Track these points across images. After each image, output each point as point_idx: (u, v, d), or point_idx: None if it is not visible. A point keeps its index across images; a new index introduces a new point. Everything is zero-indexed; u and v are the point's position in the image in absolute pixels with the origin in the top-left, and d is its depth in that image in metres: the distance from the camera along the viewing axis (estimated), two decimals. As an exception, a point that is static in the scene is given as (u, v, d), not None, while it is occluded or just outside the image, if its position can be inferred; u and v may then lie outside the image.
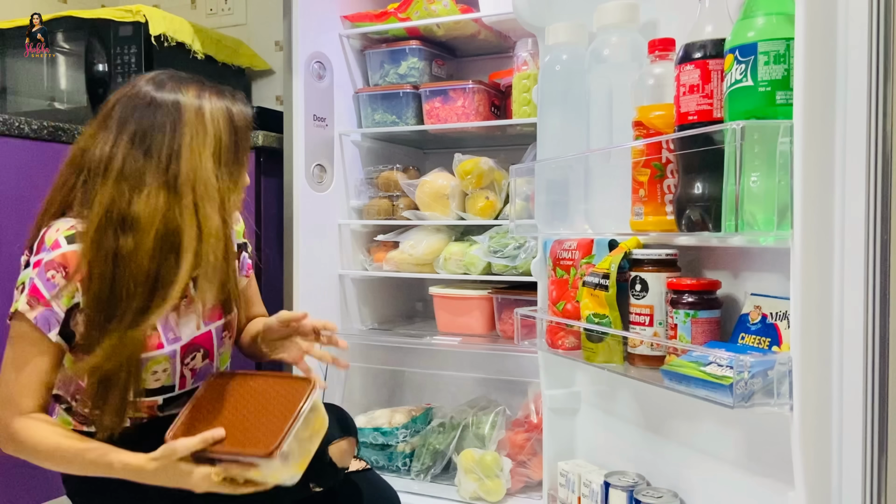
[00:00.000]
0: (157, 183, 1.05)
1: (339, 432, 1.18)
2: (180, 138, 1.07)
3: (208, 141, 1.08)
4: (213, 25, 2.24)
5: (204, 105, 1.09)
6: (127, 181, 1.05)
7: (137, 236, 1.03)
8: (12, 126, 1.45)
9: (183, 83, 1.11)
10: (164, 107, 1.08)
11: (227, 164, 1.11)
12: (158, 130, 1.07)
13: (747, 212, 0.84)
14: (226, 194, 1.10)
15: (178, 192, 1.05)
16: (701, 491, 1.09)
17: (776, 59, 0.83)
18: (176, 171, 1.06)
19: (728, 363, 0.85)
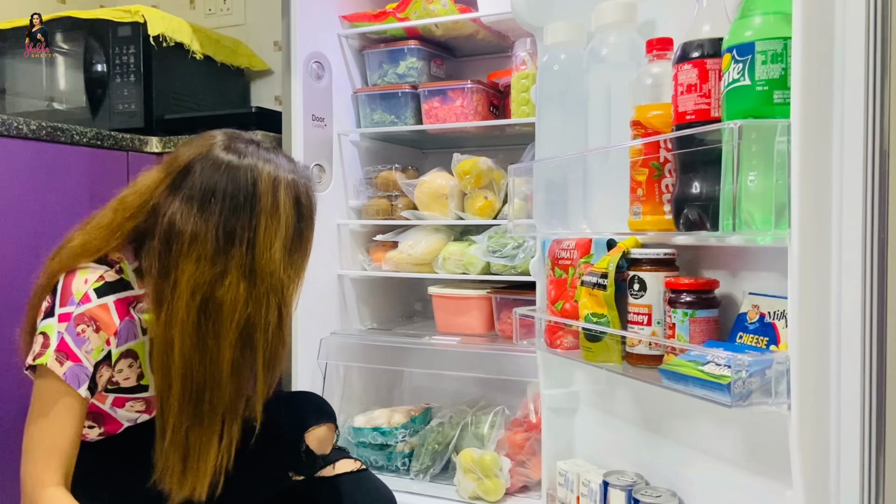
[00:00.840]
0: (238, 271, 1.01)
1: (316, 419, 1.17)
2: (256, 224, 1.02)
3: (280, 229, 1.04)
4: (212, 25, 2.24)
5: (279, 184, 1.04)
6: (214, 265, 1.00)
7: (219, 323, 1.00)
8: (11, 126, 1.45)
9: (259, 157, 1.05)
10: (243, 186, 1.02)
11: (292, 253, 1.06)
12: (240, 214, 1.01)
13: (745, 211, 0.84)
14: (287, 285, 1.05)
15: (253, 283, 1.01)
16: (699, 490, 1.09)
17: (773, 59, 0.83)
18: (252, 258, 1.01)
19: (726, 362, 0.85)
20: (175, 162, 1.05)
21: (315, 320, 1.69)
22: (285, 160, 1.09)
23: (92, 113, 1.84)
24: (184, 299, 0.99)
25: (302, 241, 1.08)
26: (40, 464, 0.99)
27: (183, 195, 1.02)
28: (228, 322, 1.00)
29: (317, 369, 1.70)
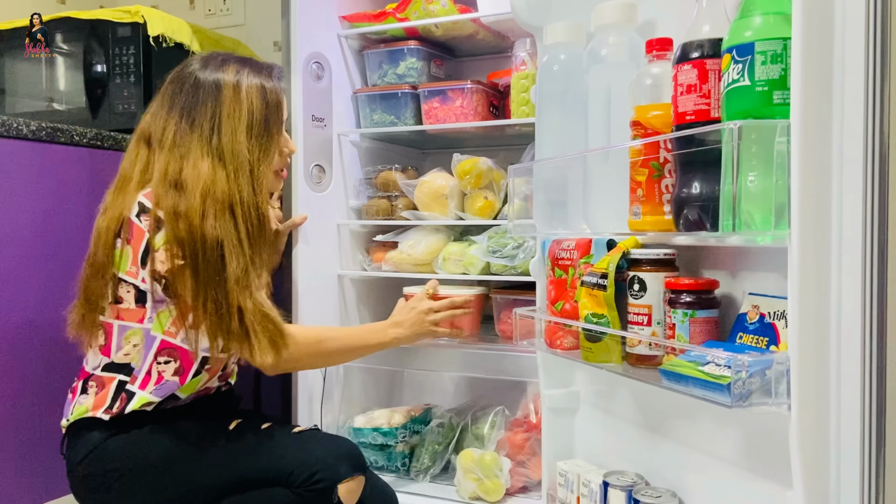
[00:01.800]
0: (201, 152, 1.21)
1: (350, 470, 1.19)
2: (219, 112, 1.22)
3: (243, 115, 1.23)
4: (212, 26, 2.24)
5: (241, 82, 1.24)
6: (177, 149, 1.21)
7: (187, 197, 1.17)
8: (11, 127, 1.45)
9: (225, 63, 1.27)
10: (206, 85, 1.24)
11: (258, 136, 1.24)
12: (201, 106, 1.23)
13: (745, 211, 0.84)
14: (255, 165, 1.23)
15: (221, 161, 1.20)
16: (699, 490, 1.09)
17: (773, 59, 0.83)
18: (217, 141, 1.21)
19: (726, 363, 0.85)
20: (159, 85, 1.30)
21: (315, 320, 1.69)
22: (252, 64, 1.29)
23: (92, 113, 1.84)
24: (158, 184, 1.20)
25: (268, 125, 1.26)
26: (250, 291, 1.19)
27: (162, 104, 1.27)
28: (192, 195, 1.17)
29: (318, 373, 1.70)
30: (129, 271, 1.20)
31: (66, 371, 1.54)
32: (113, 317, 1.22)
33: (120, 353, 1.22)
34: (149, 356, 1.21)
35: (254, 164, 1.23)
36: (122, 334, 1.22)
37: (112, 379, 1.21)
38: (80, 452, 1.20)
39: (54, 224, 1.54)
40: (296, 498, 1.15)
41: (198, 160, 1.20)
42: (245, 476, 1.18)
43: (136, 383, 1.21)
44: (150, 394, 1.21)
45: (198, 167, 1.19)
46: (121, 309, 1.22)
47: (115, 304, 1.22)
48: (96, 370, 1.23)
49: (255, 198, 1.22)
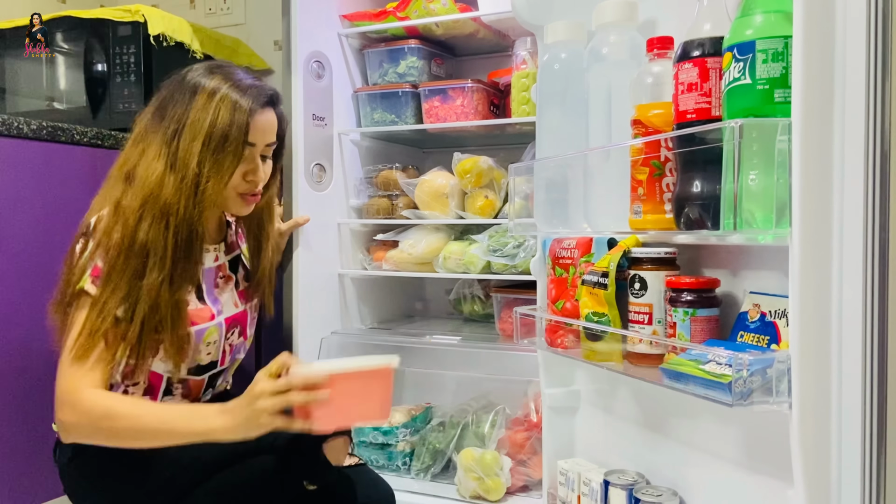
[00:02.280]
0: (159, 151, 1.15)
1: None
2: (188, 116, 1.15)
3: (205, 126, 1.15)
4: (212, 25, 2.24)
5: (217, 91, 1.17)
6: (141, 141, 1.17)
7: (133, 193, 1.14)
8: (11, 126, 1.45)
9: (217, 69, 1.21)
10: (186, 86, 1.18)
11: (215, 150, 1.15)
12: (173, 105, 1.17)
13: (746, 210, 0.84)
14: (202, 179, 1.14)
15: (173, 167, 1.14)
16: (700, 489, 1.09)
17: (774, 57, 0.83)
18: (175, 146, 1.15)
19: (727, 361, 0.85)
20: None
21: (316, 320, 1.69)
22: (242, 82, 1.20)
23: (92, 112, 1.84)
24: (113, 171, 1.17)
25: (227, 143, 1.16)
26: (79, 371, 1.09)
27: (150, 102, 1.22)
28: (139, 192, 1.13)
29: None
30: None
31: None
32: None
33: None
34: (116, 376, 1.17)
35: (201, 178, 1.14)
36: None
37: None
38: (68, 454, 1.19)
39: (55, 223, 1.54)
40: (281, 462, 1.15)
41: (153, 159, 1.15)
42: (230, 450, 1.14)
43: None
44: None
45: (151, 167, 1.14)
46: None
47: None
48: None
49: (193, 211, 1.14)
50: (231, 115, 1.16)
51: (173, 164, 1.14)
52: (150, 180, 1.13)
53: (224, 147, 1.15)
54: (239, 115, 1.17)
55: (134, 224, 1.11)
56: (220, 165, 1.16)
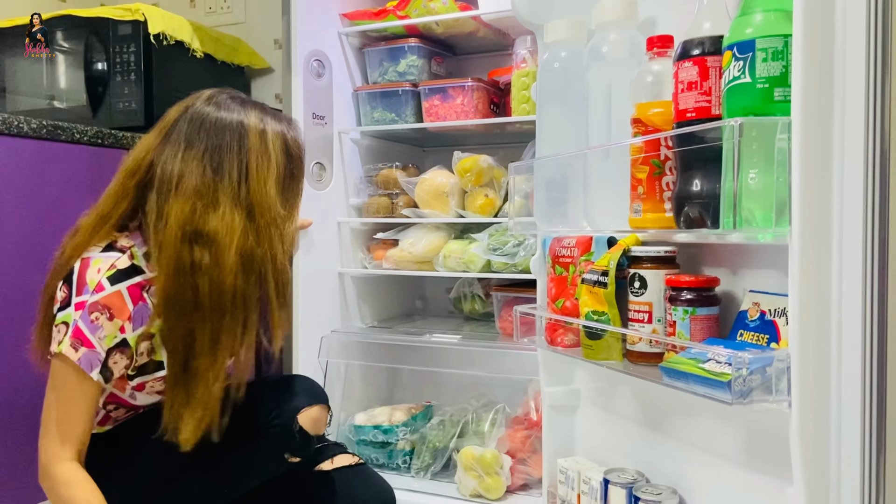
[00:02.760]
0: (230, 202, 1.06)
1: (308, 400, 1.20)
2: (247, 160, 1.08)
3: (272, 167, 1.10)
4: (212, 24, 2.24)
5: (266, 129, 1.11)
6: (201, 198, 1.06)
7: (216, 252, 1.04)
8: (11, 125, 1.45)
9: (245, 105, 1.13)
10: (230, 127, 1.09)
11: (285, 191, 1.13)
12: (227, 150, 1.08)
13: (745, 209, 0.84)
14: (283, 223, 1.11)
15: (251, 215, 1.07)
16: (700, 487, 1.10)
17: (774, 56, 0.83)
18: (246, 192, 1.07)
19: (727, 360, 0.85)
20: (164, 119, 1.13)
21: (316, 318, 1.70)
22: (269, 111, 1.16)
23: (92, 111, 1.84)
24: (172, 233, 1.04)
25: (294, 180, 1.15)
26: (56, 440, 1.05)
27: (172, 143, 1.09)
28: (227, 251, 1.04)
29: (318, 367, 1.70)
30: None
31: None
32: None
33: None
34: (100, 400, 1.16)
35: (283, 220, 1.11)
36: None
37: None
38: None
39: (55, 222, 1.54)
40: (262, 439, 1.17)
41: (227, 212, 1.05)
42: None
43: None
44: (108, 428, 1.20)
45: (227, 220, 1.05)
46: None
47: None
48: None
49: (284, 256, 1.12)
50: (286, 151, 1.14)
51: (250, 213, 1.07)
52: (236, 233, 1.05)
53: (292, 184, 1.15)
54: (293, 149, 1.15)
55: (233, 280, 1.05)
56: (293, 202, 1.16)
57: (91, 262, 1.07)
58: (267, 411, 1.18)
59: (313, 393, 1.24)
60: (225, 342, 1.06)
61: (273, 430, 1.17)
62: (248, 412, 1.18)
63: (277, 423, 1.17)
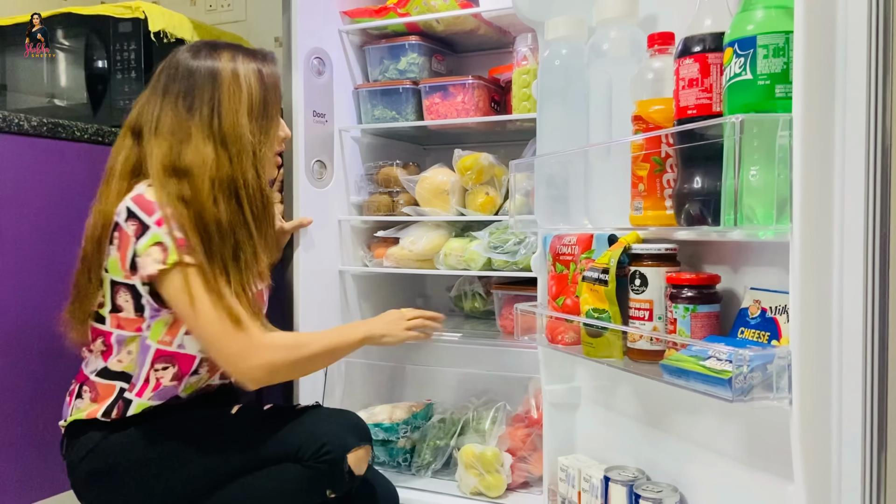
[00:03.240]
0: (202, 135, 1.19)
1: (357, 440, 1.20)
2: (218, 95, 1.21)
3: (243, 98, 1.22)
4: (213, 22, 2.24)
5: (238, 67, 1.23)
6: (174, 135, 1.19)
7: (193, 182, 1.16)
8: (12, 123, 1.45)
9: (217, 49, 1.25)
10: (202, 71, 1.22)
11: (258, 118, 1.24)
12: (199, 90, 1.21)
13: (746, 206, 0.83)
14: (257, 147, 1.23)
15: (224, 144, 1.19)
16: (701, 485, 1.10)
17: (775, 53, 0.83)
18: (219, 124, 1.20)
19: (727, 357, 0.85)
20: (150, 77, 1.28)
21: (316, 316, 1.69)
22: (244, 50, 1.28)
23: (93, 109, 1.84)
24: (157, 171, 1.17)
25: (267, 107, 1.26)
26: (233, 331, 1.15)
27: (154, 92, 1.24)
28: (201, 179, 1.16)
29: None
30: (125, 275, 1.18)
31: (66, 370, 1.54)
32: (114, 326, 1.22)
33: (114, 359, 1.22)
34: (146, 363, 1.21)
35: (256, 146, 1.22)
36: (121, 343, 1.22)
37: (108, 386, 1.22)
38: (81, 451, 1.20)
39: (55, 220, 1.54)
40: (306, 471, 1.16)
41: (199, 144, 1.18)
42: (253, 456, 1.18)
43: (133, 391, 1.21)
44: (148, 399, 1.22)
45: (200, 151, 1.17)
46: (121, 318, 1.21)
47: (115, 314, 1.21)
48: (92, 375, 1.23)
49: (259, 181, 1.22)
50: (260, 81, 1.25)
51: (223, 142, 1.19)
52: (207, 163, 1.17)
53: (266, 112, 1.25)
54: (268, 79, 1.26)
55: (211, 207, 1.15)
56: (266, 129, 1.25)
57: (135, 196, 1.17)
58: (317, 442, 1.17)
59: (363, 433, 1.23)
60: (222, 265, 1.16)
61: (322, 465, 1.16)
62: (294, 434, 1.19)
63: (328, 458, 1.16)
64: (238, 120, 1.20)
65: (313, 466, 1.16)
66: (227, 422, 1.24)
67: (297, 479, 1.17)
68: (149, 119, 1.21)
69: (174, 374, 1.22)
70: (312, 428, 1.19)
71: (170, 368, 1.22)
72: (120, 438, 1.20)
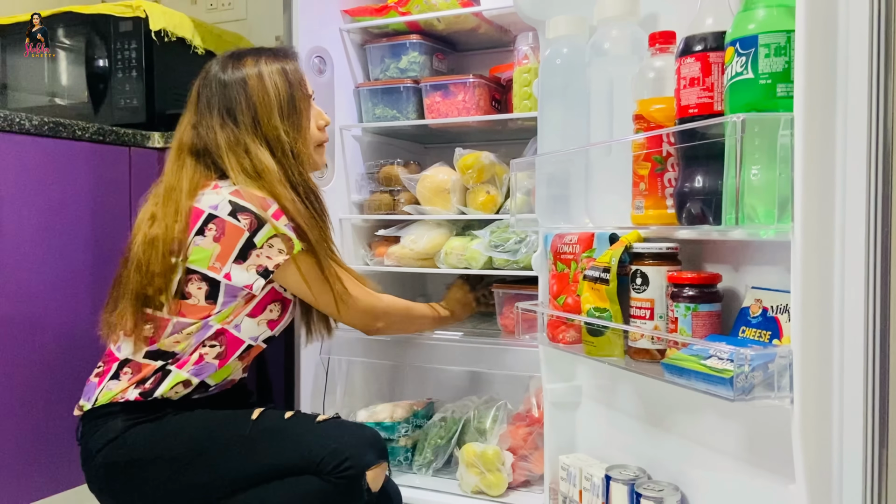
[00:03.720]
0: (256, 144, 1.27)
1: (376, 458, 1.20)
2: (254, 103, 1.28)
3: (271, 101, 1.29)
4: (214, 20, 2.24)
5: (262, 70, 1.30)
6: (239, 147, 1.27)
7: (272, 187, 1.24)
8: (13, 122, 1.45)
9: (242, 58, 1.32)
10: (232, 83, 1.29)
11: (288, 116, 1.31)
12: (236, 103, 1.28)
13: (748, 205, 0.83)
14: (293, 145, 1.30)
15: (271, 148, 1.28)
16: (702, 484, 1.10)
17: (777, 52, 0.83)
18: (262, 132, 1.28)
19: (728, 356, 0.85)
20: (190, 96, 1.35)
21: (318, 315, 1.69)
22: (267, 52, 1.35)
23: (94, 108, 1.84)
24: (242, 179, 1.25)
25: (294, 102, 1.32)
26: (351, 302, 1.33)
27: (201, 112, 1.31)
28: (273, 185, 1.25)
29: (319, 364, 1.70)
30: (213, 266, 1.22)
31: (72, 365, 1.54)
32: (174, 312, 1.23)
33: (169, 339, 1.24)
34: (199, 341, 1.25)
35: (292, 144, 1.29)
36: (179, 328, 1.24)
37: (151, 366, 1.24)
38: (101, 440, 1.20)
39: (57, 218, 1.54)
40: (326, 485, 1.16)
41: (258, 152, 1.26)
42: (273, 464, 1.18)
43: (175, 364, 1.24)
44: (186, 373, 1.24)
45: (262, 158, 1.26)
46: (185, 304, 1.23)
47: (180, 300, 1.23)
48: (135, 356, 1.24)
49: (304, 176, 1.30)
50: (284, 79, 1.31)
51: (271, 147, 1.28)
52: (271, 169, 1.25)
53: (295, 108, 1.32)
54: (292, 76, 1.32)
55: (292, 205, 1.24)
56: (297, 124, 1.32)
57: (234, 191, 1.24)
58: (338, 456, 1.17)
59: (381, 450, 1.24)
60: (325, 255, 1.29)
61: (341, 481, 1.16)
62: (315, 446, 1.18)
63: (349, 474, 1.16)
64: (273, 123, 1.28)
65: (332, 481, 1.16)
66: (249, 427, 1.23)
67: (315, 493, 1.16)
68: (207, 139, 1.29)
69: (219, 353, 1.26)
70: (333, 441, 1.19)
71: (216, 347, 1.26)
72: (141, 432, 1.20)
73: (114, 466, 1.19)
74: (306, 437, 1.20)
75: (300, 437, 1.21)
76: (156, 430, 1.21)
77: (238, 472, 1.19)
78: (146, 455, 1.19)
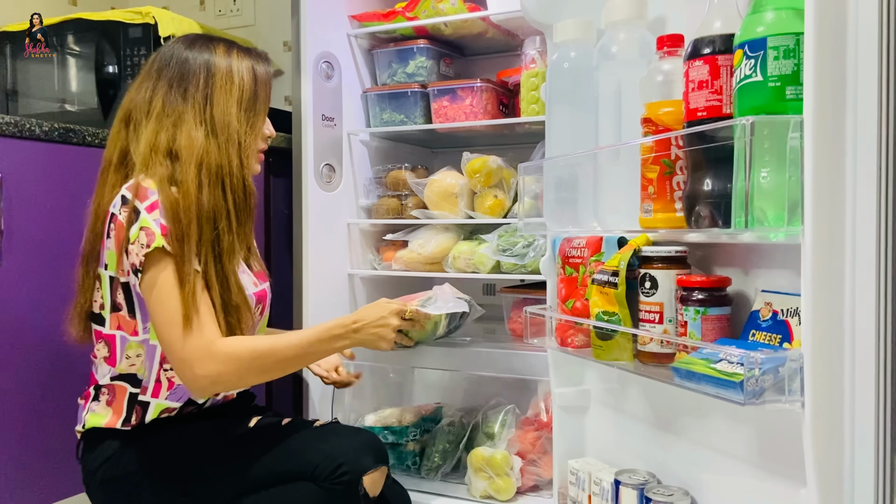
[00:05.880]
0: (195, 121, 1.20)
1: (373, 462, 1.19)
2: (213, 86, 1.22)
3: (234, 89, 1.24)
4: (222, 27, 2.25)
5: (232, 61, 1.25)
6: (169, 118, 1.20)
7: (181, 166, 1.17)
8: (24, 128, 1.46)
9: (212, 42, 1.27)
10: (197, 61, 1.24)
11: (247, 110, 1.25)
12: (194, 78, 1.22)
13: (757, 208, 0.83)
14: (243, 137, 1.24)
15: (213, 132, 1.21)
16: (712, 489, 1.09)
17: (786, 54, 0.83)
18: (210, 113, 1.21)
19: (739, 360, 0.85)
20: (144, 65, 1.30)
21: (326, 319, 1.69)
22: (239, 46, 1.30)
23: (104, 114, 1.85)
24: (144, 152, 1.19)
25: (256, 101, 1.27)
26: (195, 332, 1.12)
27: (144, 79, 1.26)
28: (188, 164, 1.17)
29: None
30: (121, 270, 1.18)
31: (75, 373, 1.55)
32: (115, 328, 1.21)
33: (125, 363, 1.22)
34: (154, 365, 1.21)
35: (242, 136, 1.23)
36: (124, 345, 1.22)
37: (123, 389, 1.22)
38: (98, 460, 1.21)
39: (66, 224, 1.55)
40: (321, 491, 1.15)
41: (192, 129, 1.19)
42: (269, 472, 1.18)
43: (147, 393, 1.21)
44: (165, 400, 1.22)
45: (192, 136, 1.19)
46: (120, 318, 1.21)
47: (115, 313, 1.21)
48: (105, 378, 1.23)
49: (243, 171, 1.23)
50: (252, 76, 1.26)
51: (212, 129, 1.20)
52: (197, 148, 1.18)
53: (254, 106, 1.26)
54: (260, 77, 1.28)
55: (196, 192, 1.16)
56: (253, 122, 1.26)
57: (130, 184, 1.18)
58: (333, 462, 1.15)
59: (379, 454, 1.22)
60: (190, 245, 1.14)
61: (337, 487, 1.15)
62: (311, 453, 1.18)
63: (344, 480, 1.15)
64: (228, 109, 1.22)
65: (328, 488, 1.15)
66: (245, 436, 1.23)
67: (312, 500, 1.15)
68: (140, 103, 1.23)
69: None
70: (329, 447, 1.18)
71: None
72: (138, 449, 1.20)
73: (112, 484, 1.20)
74: (302, 444, 1.20)
75: (296, 444, 1.20)
76: (151, 444, 1.21)
77: (235, 480, 1.18)
78: (142, 469, 1.19)
